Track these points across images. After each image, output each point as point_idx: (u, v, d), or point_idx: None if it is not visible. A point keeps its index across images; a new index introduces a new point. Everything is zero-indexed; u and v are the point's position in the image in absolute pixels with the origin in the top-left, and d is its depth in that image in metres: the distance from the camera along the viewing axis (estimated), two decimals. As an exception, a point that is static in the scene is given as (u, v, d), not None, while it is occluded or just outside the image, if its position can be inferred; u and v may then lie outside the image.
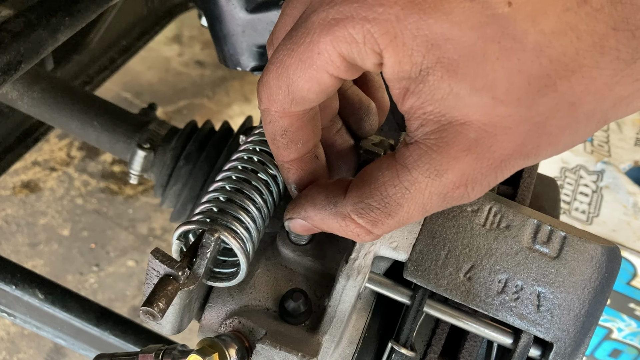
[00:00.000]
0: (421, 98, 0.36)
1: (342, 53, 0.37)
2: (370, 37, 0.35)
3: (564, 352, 0.48)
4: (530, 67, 0.34)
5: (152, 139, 0.95)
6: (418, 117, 0.37)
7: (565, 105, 0.35)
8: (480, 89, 0.35)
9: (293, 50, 0.38)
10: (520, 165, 0.39)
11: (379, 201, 0.41)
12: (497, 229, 0.50)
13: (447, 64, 0.35)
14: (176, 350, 0.51)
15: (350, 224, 0.43)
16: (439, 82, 0.35)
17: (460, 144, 0.37)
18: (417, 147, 0.38)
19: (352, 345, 0.53)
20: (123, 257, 1.93)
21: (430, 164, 0.38)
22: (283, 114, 0.42)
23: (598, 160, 1.48)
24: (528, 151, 0.38)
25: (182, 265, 0.44)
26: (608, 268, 0.49)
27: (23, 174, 2.08)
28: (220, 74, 2.52)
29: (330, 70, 0.38)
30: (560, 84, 0.35)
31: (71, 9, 0.71)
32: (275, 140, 0.45)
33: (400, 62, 0.35)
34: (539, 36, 0.34)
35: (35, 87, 0.96)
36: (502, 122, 0.36)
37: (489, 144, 0.37)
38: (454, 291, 0.49)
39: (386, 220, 0.41)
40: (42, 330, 0.93)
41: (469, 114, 0.36)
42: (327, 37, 0.36)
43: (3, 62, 0.64)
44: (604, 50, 0.34)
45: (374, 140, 0.55)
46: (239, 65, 0.81)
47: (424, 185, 0.39)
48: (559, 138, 0.37)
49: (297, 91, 0.40)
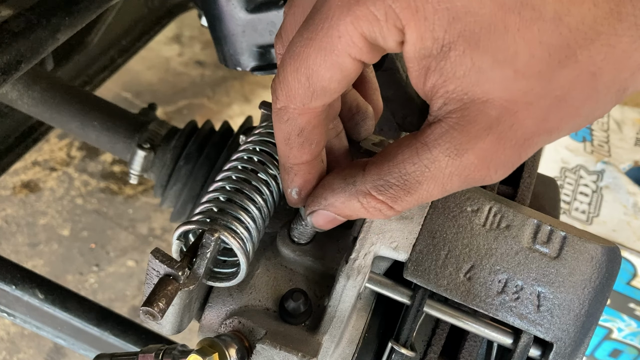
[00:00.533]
0: (443, 76, 0.36)
1: (364, 33, 0.36)
2: (392, 12, 0.35)
3: (564, 352, 0.48)
4: (551, 37, 0.34)
5: (152, 139, 0.95)
6: (441, 95, 0.37)
7: (586, 76, 0.35)
8: (502, 61, 0.35)
9: (311, 39, 0.38)
10: (544, 142, 0.38)
11: (397, 178, 0.40)
12: (497, 229, 0.50)
13: (468, 37, 0.35)
14: (176, 350, 0.51)
15: (372, 201, 0.42)
16: (461, 58, 0.35)
17: (482, 122, 0.36)
18: (438, 126, 0.38)
19: (352, 345, 0.53)
20: (123, 257, 1.93)
21: (451, 143, 0.38)
22: (302, 111, 0.41)
23: (598, 160, 1.48)
24: (551, 127, 0.37)
25: (182, 265, 0.44)
26: (608, 268, 0.49)
27: (23, 174, 2.08)
28: (220, 74, 2.52)
29: (353, 53, 0.37)
30: (581, 53, 0.34)
31: (71, 9, 0.71)
32: (289, 140, 0.44)
33: (422, 37, 0.35)
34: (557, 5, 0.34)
35: (35, 87, 0.96)
36: (523, 98, 0.36)
37: (510, 122, 0.36)
38: (454, 291, 0.49)
39: (405, 197, 0.41)
40: (42, 330, 0.93)
41: (491, 90, 0.36)
42: (347, 17, 0.36)
43: (3, 62, 0.64)
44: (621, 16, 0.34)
45: (373, 140, 0.55)
46: (239, 65, 0.81)
47: (444, 164, 0.38)
48: (580, 111, 0.37)
49: (319, 81, 0.39)
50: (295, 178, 0.47)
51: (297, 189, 0.48)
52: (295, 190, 0.48)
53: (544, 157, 1.49)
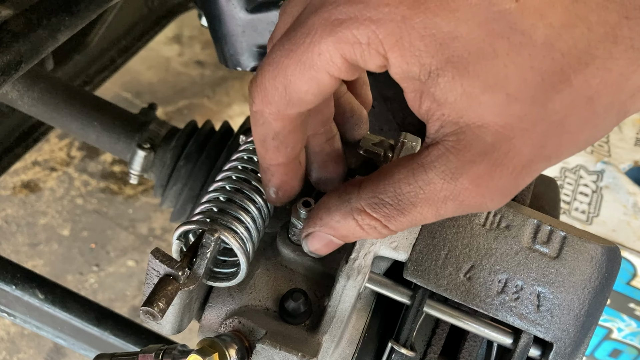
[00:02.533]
0: (436, 101, 0.36)
1: (345, 54, 0.36)
2: (374, 38, 0.35)
3: (564, 352, 0.48)
4: (542, 63, 0.34)
5: (152, 139, 0.95)
6: (437, 119, 0.37)
7: (582, 100, 0.35)
8: (493, 86, 0.34)
9: (292, 51, 0.38)
10: (542, 168, 0.38)
11: (392, 197, 0.40)
12: (497, 229, 0.50)
13: (457, 63, 0.34)
14: (176, 350, 0.51)
15: (366, 218, 0.41)
16: (451, 83, 0.35)
17: (477, 147, 0.36)
18: (435, 148, 0.38)
19: (352, 345, 0.53)
20: (123, 257, 1.93)
21: (447, 166, 0.37)
22: (277, 117, 0.41)
23: (598, 160, 1.48)
24: (549, 153, 0.37)
25: (182, 265, 0.44)
26: (608, 268, 0.49)
27: (23, 174, 2.08)
28: (220, 74, 2.52)
29: (331, 71, 0.37)
30: (575, 78, 0.34)
31: (71, 9, 0.71)
32: (265, 143, 0.44)
33: (408, 63, 0.35)
34: (548, 30, 0.33)
35: (35, 87, 0.96)
36: (518, 123, 0.35)
37: (506, 149, 0.36)
38: (454, 291, 0.49)
39: (399, 218, 0.40)
40: (42, 330, 0.93)
41: (484, 114, 0.35)
42: (329, 38, 0.36)
43: (3, 62, 0.64)
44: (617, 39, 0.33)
45: (373, 140, 0.55)
46: (239, 65, 0.81)
47: (439, 187, 0.38)
48: (579, 135, 0.36)
49: (295, 92, 0.39)
50: (272, 178, 0.47)
51: (274, 188, 0.48)
52: (273, 189, 0.48)
53: (544, 157, 1.48)
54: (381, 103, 0.79)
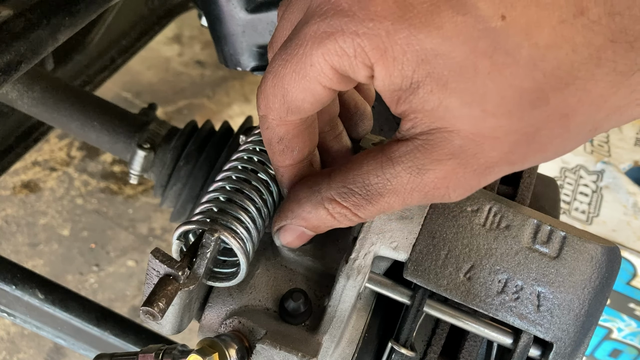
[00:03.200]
0: (412, 107, 0.37)
1: (334, 65, 0.37)
2: (361, 51, 0.35)
3: (564, 352, 0.48)
4: (523, 82, 0.34)
5: (152, 139, 0.95)
6: (410, 119, 0.38)
7: (557, 116, 0.35)
8: (470, 102, 0.35)
9: (287, 61, 0.39)
10: (505, 171, 0.39)
11: (361, 188, 0.42)
12: (497, 229, 0.50)
13: (437, 79, 0.35)
14: (176, 350, 0.51)
15: (337, 207, 0.43)
16: (429, 95, 0.36)
17: (445, 148, 0.37)
18: (404, 144, 0.39)
19: (352, 345, 0.53)
20: (123, 257, 1.93)
21: (413, 162, 0.39)
22: (280, 122, 0.43)
23: (598, 160, 1.48)
24: (515, 159, 0.38)
25: (182, 265, 0.44)
26: (608, 268, 0.49)
27: (23, 174, 2.08)
28: (220, 74, 2.52)
29: (323, 82, 0.38)
30: (553, 96, 0.34)
31: (71, 9, 0.71)
32: (271, 146, 0.45)
33: (391, 75, 0.36)
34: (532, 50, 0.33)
35: (35, 87, 0.96)
36: (490, 133, 0.36)
37: (474, 151, 0.37)
38: (454, 291, 0.49)
39: (367, 206, 0.42)
40: (42, 330, 0.93)
41: (458, 124, 0.36)
42: (318, 50, 0.37)
43: (3, 62, 0.64)
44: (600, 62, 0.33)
45: (373, 140, 0.55)
46: (239, 65, 0.81)
47: (406, 181, 0.40)
48: (547, 147, 0.37)
49: (292, 101, 0.40)
50: (282, 179, 0.49)
51: (286, 189, 0.49)
52: (285, 190, 0.49)
53: (544, 157, 1.48)
54: (381, 103, 0.79)
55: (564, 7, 0.32)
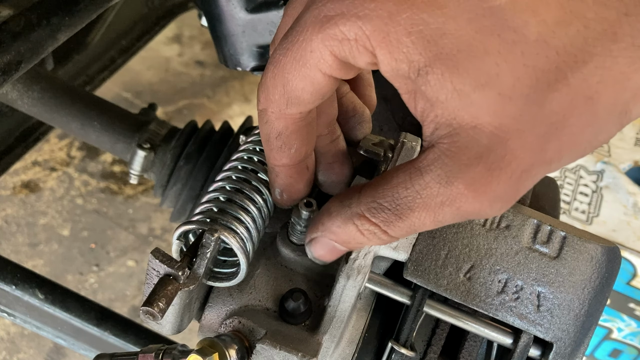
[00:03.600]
0: (429, 100, 0.35)
1: (334, 51, 0.36)
2: (362, 34, 0.34)
3: (563, 352, 0.48)
4: (536, 60, 0.32)
5: (152, 139, 0.95)
6: (431, 120, 0.36)
7: (581, 100, 0.33)
8: (485, 84, 0.33)
9: (288, 49, 0.38)
10: (543, 174, 0.36)
11: (390, 202, 0.39)
12: (497, 229, 0.50)
13: (446, 60, 0.33)
14: (176, 350, 0.51)
15: (365, 223, 0.40)
16: (441, 81, 0.34)
17: (472, 150, 0.35)
18: (431, 151, 0.37)
19: (352, 345, 0.53)
20: (123, 257, 1.93)
21: (442, 169, 0.36)
22: (279, 115, 0.42)
23: (598, 160, 1.48)
24: (550, 157, 0.35)
25: (182, 265, 0.44)
26: (608, 268, 0.49)
27: (23, 174, 2.08)
28: (220, 74, 2.52)
29: (323, 68, 0.37)
30: (572, 76, 0.32)
31: (71, 9, 0.71)
32: (269, 141, 0.44)
33: (396, 60, 0.34)
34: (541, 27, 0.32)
35: (35, 87, 0.96)
36: (513, 124, 0.34)
37: (502, 152, 0.34)
38: (454, 291, 0.49)
39: (397, 223, 0.39)
40: (42, 330, 0.93)
41: (478, 114, 0.34)
42: (318, 34, 0.36)
43: (3, 62, 0.64)
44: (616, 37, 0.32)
45: (373, 140, 0.55)
46: (239, 65, 0.81)
47: (435, 192, 0.37)
48: (580, 138, 0.35)
49: (292, 90, 0.39)
50: (277, 179, 0.47)
51: (279, 190, 0.48)
52: (278, 191, 0.48)
53: (544, 157, 1.48)
54: (381, 103, 0.79)
55: None
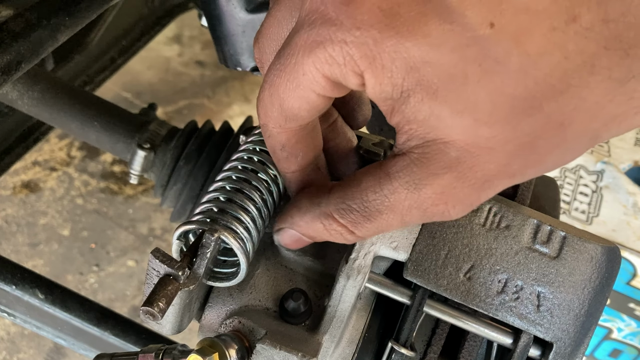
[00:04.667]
0: (405, 117, 0.37)
1: (326, 73, 0.37)
2: (350, 59, 0.35)
3: (563, 352, 0.48)
4: (514, 89, 0.33)
5: (152, 139, 0.95)
6: (405, 132, 0.38)
7: (553, 125, 0.35)
8: (462, 111, 0.35)
9: (281, 71, 0.39)
10: (505, 185, 0.38)
11: (359, 204, 0.41)
12: (497, 229, 0.50)
13: (426, 87, 0.35)
14: (176, 350, 0.51)
15: (333, 223, 0.43)
16: (420, 105, 0.35)
17: (441, 161, 0.37)
18: (401, 159, 0.39)
19: (352, 345, 0.53)
20: (123, 257, 1.93)
21: (410, 177, 0.38)
22: (280, 130, 0.43)
23: (598, 160, 1.48)
24: (514, 171, 0.37)
25: (182, 265, 0.44)
26: (608, 268, 0.49)
27: (23, 174, 2.08)
28: (220, 74, 2.52)
29: (317, 90, 0.38)
30: (547, 105, 0.34)
31: (71, 9, 0.71)
32: (275, 153, 0.46)
33: (381, 83, 0.35)
34: (523, 57, 0.33)
35: (35, 87, 0.96)
36: (485, 143, 0.36)
37: (470, 164, 0.37)
38: (453, 291, 0.49)
39: (365, 224, 0.42)
40: (42, 330, 0.93)
41: (452, 134, 0.36)
42: (309, 58, 0.36)
43: (3, 62, 0.64)
44: (594, 69, 0.33)
45: (373, 140, 0.55)
46: (239, 65, 0.81)
47: (403, 197, 0.39)
48: (547, 157, 0.37)
49: (289, 109, 0.40)
50: (290, 184, 0.49)
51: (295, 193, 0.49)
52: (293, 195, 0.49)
53: (544, 157, 1.48)
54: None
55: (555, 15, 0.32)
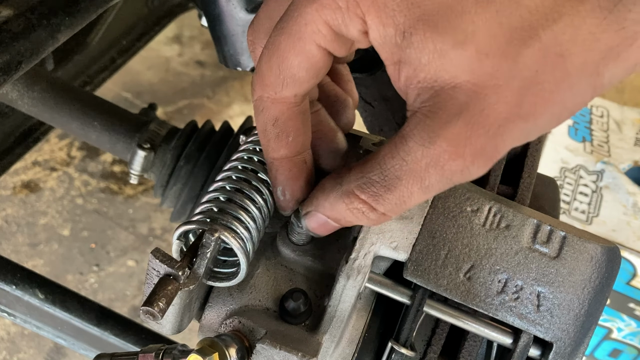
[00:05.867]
0: (412, 66, 0.37)
1: (328, 21, 0.38)
2: (352, 1, 0.37)
3: (563, 352, 0.48)
4: (510, 19, 0.35)
5: (152, 139, 0.95)
6: (414, 87, 0.38)
7: (552, 56, 0.36)
8: (462, 42, 0.35)
9: (283, 28, 0.40)
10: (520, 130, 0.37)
11: (378, 174, 0.40)
12: (497, 229, 0.50)
13: (427, 20, 0.36)
14: (176, 350, 0.51)
15: (355, 201, 0.42)
16: (423, 42, 0.36)
17: (452, 107, 0.37)
18: (414, 117, 0.39)
19: (352, 345, 0.53)
20: (123, 257, 1.93)
21: (424, 131, 0.38)
22: (275, 100, 0.43)
23: (598, 160, 1.48)
24: (526, 112, 0.37)
25: (182, 265, 0.44)
26: (608, 268, 0.49)
27: (23, 174, 2.08)
28: (220, 74, 2.52)
29: (318, 40, 0.39)
30: (544, 34, 0.35)
31: (71, 9, 0.71)
32: (266, 131, 0.45)
33: (384, 24, 0.37)
34: None
35: (35, 87, 0.96)
36: (490, 80, 0.36)
37: (480, 106, 0.36)
38: (453, 291, 0.49)
39: (386, 195, 0.40)
40: (42, 330, 0.93)
41: (457, 74, 0.36)
42: (313, 5, 0.38)
43: (3, 62, 0.64)
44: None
45: (373, 140, 0.55)
46: (239, 65, 0.81)
47: (420, 155, 0.38)
48: (554, 95, 0.37)
49: (288, 68, 0.40)
50: (277, 175, 0.48)
51: (281, 187, 0.48)
52: (280, 189, 0.48)
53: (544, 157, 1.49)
54: (381, 103, 0.79)
55: None
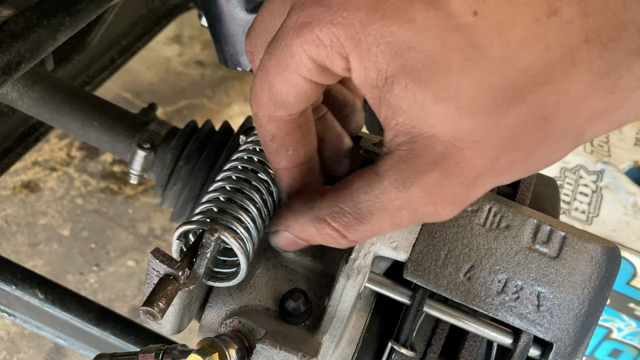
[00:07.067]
0: (391, 108, 0.36)
1: (312, 56, 0.37)
2: (336, 40, 0.35)
3: (563, 352, 0.48)
4: (497, 78, 0.34)
5: (152, 139, 0.95)
6: (392, 127, 0.37)
7: (536, 118, 0.35)
8: (445, 98, 0.35)
9: (272, 54, 0.39)
10: (493, 183, 0.38)
11: (351, 206, 0.41)
12: (497, 229, 0.50)
13: (410, 72, 0.35)
14: (176, 350, 0.51)
15: (326, 227, 0.43)
16: (404, 92, 0.35)
17: (428, 156, 0.37)
18: (390, 157, 0.39)
19: (352, 345, 0.53)
20: (123, 257, 1.93)
21: (399, 175, 0.38)
22: (270, 119, 0.43)
23: (598, 160, 1.48)
24: (501, 168, 0.37)
25: (182, 265, 0.44)
26: (608, 268, 0.49)
27: (23, 174, 2.08)
28: (220, 74, 2.52)
29: (303, 73, 0.38)
30: (530, 96, 0.34)
31: (71, 9, 0.71)
32: (266, 145, 0.46)
33: (366, 68, 0.36)
34: (504, 46, 0.33)
35: (35, 87, 0.96)
36: (469, 136, 0.35)
37: (457, 159, 0.36)
38: (453, 291, 0.49)
39: (358, 227, 0.42)
40: (42, 330, 0.93)
41: (436, 125, 0.36)
42: (297, 39, 0.37)
43: (3, 62, 0.64)
44: (575, 62, 0.33)
45: (373, 140, 0.55)
46: (239, 65, 0.81)
47: (393, 196, 0.39)
48: (532, 154, 0.37)
49: (277, 94, 0.40)
50: (280, 182, 0.49)
51: (285, 193, 0.49)
52: (285, 194, 0.49)
53: (544, 157, 1.49)
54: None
55: (537, 7, 0.33)
